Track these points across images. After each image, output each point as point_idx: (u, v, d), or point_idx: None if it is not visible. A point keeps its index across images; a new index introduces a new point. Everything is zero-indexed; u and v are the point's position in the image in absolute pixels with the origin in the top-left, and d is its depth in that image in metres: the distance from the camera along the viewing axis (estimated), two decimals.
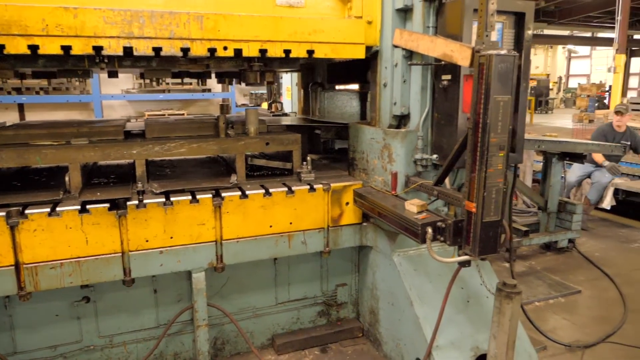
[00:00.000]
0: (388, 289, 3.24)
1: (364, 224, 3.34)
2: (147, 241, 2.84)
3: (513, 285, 2.65)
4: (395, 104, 3.10)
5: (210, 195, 2.94)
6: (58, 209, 2.64)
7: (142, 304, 3.15)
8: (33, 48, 2.40)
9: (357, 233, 3.36)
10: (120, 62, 2.81)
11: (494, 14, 2.35)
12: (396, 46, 3.03)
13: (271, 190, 3.07)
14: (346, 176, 3.45)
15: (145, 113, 13.53)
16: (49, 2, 2.42)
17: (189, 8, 2.71)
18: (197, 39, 2.68)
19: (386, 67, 3.13)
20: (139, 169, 3.00)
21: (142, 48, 2.58)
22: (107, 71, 3.34)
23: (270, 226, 3.11)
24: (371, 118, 3.39)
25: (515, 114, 2.93)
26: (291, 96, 5.33)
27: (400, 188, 3.04)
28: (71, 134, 3.04)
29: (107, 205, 2.74)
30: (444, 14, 2.85)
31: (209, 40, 2.70)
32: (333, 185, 3.22)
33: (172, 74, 3.62)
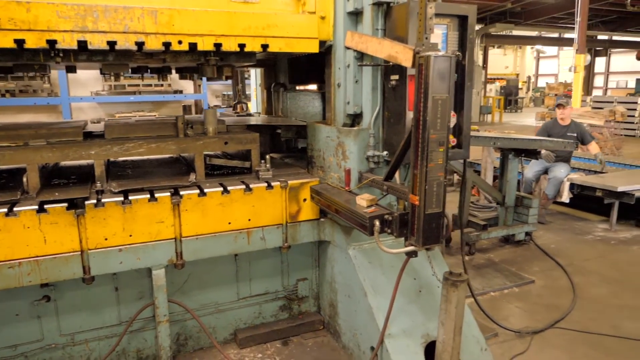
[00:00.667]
0: (345, 282, 3.36)
1: (322, 219, 3.45)
2: (106, 239, 2.90)
3: (459, 274, 2.80)
4: (348, 103, 3.22)
5: (169, 194, 3.01)
6: (15, 209, 2.68)
7: (104, 301, 3.19)
8: None
9: (315, 228, 3.47)
10: (76, 56, 2.85)
11: (433, 17, 2.48)
12: (348, 48, 3.15)
13: (229, 188, 3.16)
14: (304, 174, 3.56)
15: (116, 115, 13.41)
16: None
17: (143, 3, 2.77)
18: (152, 33, 2.75)
19: (339, 68, 3.25)
20: (98, 169, 3.06)
21: (97, 42, 2.65)
22: (64, 66, 3.38)
23: (229, 223, 3.19)
24: (327, 117, 3.51)
25: (461, 111, 3.11)
26: (256, 97, 5.42)
27: (354, 184, 3.17)
28: (29, 135, 3.07)
29: (65, 204, 2.79)
30: (392, 17, 2.98)
31: (164, 34, 2.78)
32: (290, 182, 3.32)
33: (132, 69, 3.68)
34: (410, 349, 2.92)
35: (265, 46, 3.02)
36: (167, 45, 2.79)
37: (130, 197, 2.94)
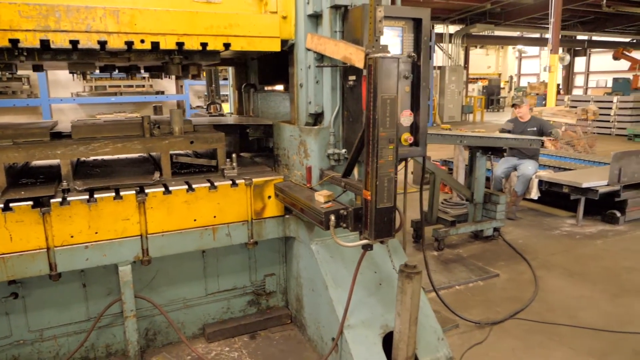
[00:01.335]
0: (309, 276, 3.47)
1: (287, 216, 3.55)
2: (72, 237, 2.97)
3: (413, 267, 2.92)
4: (310, 103, 3.33)
5: (134, 192, 3.09)
6: None
7: (72, 298, 3.26)
8: None
9: (281, 225, 3.57)
10: (40, 55, 2.91)
11: (382, 20, 2.60)
12: (309, 49, 3.26)
13: (194, 185, 3.25)
14: (269, 172, 3.66)
15: (97, 116, 13.41)
16: None
17: (105, 3, 2.84)
18: (114, 33, 2.83)
19: (301, 69, 3.35)
20: (64, 168, 3.13)
21: (59, 41, 2.72)
22: (31, 65, 3.44)
23: (195, 220, 3.28)
24: (291, 117, 3.61)
25: (418, 111, 3.23)
26: (229, 97, 5.50)
27: (315, 181, 3.28)
28: None
29: (31, 203, 2.86)
30: (348, 20, 3.09)
31: (126, 33, 2.85)
32: (255, 180, 3.42)
33: (100, 68, 3.74)
34: (368, 339, 3.04)
35: (227, 45, 3.10)
36: (129, 44, 2.87)
37: (96, 196, 3.01)
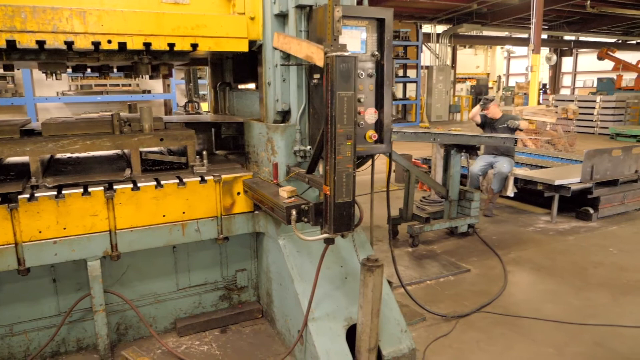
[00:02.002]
0: (277, 271, 3.54)
1: (256, 212, 3.62)
2: (40, 232, 3.02)
3: (375, 260, 3.01)
4: (277, 101, 3.40)
5: (102, 188, 3.15)
6: None
7: (42, 293, 3.31)
8: None
9: (250, 220, 3.64)
10: (8, 55, 2.97)
11: (340, 20, 2.67)
12: (275, 48, 3.33)
13: (163, 182, 3.31)
14: (239, 169, 3.72)
15: (82, 115, 13.39)
16: None
17: (73, 4, 2.90)
18: (81, 33, 2.88)
19: (269, 68, 3.42)
20: (33, 165, 3.17)
21: (26, 41, 2.76)
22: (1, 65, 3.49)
23: (164, 216, 3.34)
24: (260, 115, 3.68)
25: (382, 108, 3.31)
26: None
27: (282, 177, 3.35)
28: None
29: None
30: (313, 19, 3.16)
31: (93, 34, 2.91)
32: (224, 177, 3.48)
33: (73, 68, 3.79)
34: (332, 331, 3.11)
35: (195, 45, 3.16)
36: (96, 44, 2.92)
37: (64, 192, 3.06)
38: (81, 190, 3.10)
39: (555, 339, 3.58)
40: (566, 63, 33.25)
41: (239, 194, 3.54)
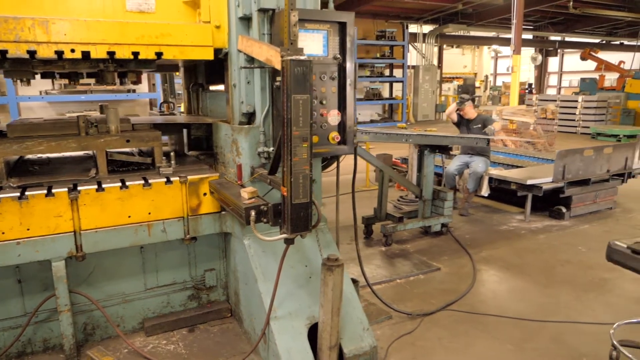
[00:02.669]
0: (243, 270, 3.58)
1: (223, 212, 3.66)
2: (3, 233, 3.04)
3: (335, 260, 3.06)
4: (242, 102, 3.44)
5: (66, 189, 3.17)
6: None
7: (7, 293, 3.32)
8: None
9: (217, 221, 3.68)
10: None
11: (297, 24, 2.73)
12: (240, 51, 3.37)
13: (128, 183, 3.34)
14: (207, 169, 3.75)
15: (66, 114, 13.33)
16: None
17: (35, 13, 2.93)
18: (44, 42, 2.91)
19: (235, 70, 3.46)
20: None
21: None
22: None
23: (129, 216, 3.37)
24: (227, 116, 3.72)
25: (344, 110, 3.37)
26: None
27: (246, 178, 3.39)
28: None
29: None
30: (275, 23, 3.21)
31: (55, 43, 2.93)
32: (190, 177, 3.52)
33: (42, 74, 3.80)
34: (294, 329, 3.17)
35: (159, 54, 3.20)
36: (59, 53, 2.95)
37: (28, 193, 3.08)
38: (45, 191, 3.12)
39: (515, 335, 3.66)
40: (552, 63, 33.57)
41: (205, 194, 3.58)
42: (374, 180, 8.57)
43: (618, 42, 26.89)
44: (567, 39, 26.42)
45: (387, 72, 20.35)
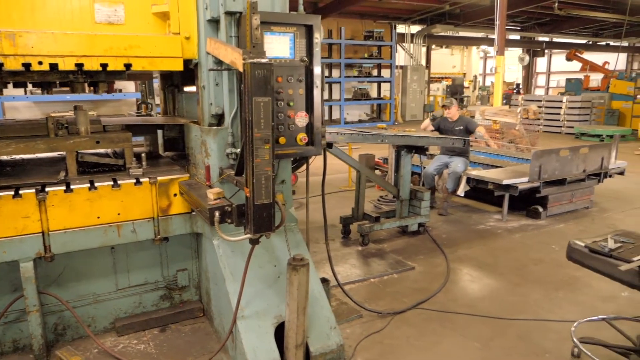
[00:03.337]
0: (213, 270, 3.61)
1: (194, 213, 3.69)
2: None
3: (300, 259, 3.10)
4: (211, 104, 3.47)
5: (34, 190, 3.19)
6: None
7: None
8: None
9: (188, 221, 3.71)
10: None
11: (259, 27, 2.76)
12: (209, 53, 3.40)
13: (97, 184, 3.36)
14: (178, 170, 3.78)
15: (51, 114, 13.22)
16: None
17: (3, 26, 2.95)
18: (11, 55, 2.93)
19: (204, 72, 3.49)
20: None
21: None
22: None
23: (98, 217, 3.39)
24: (198, 118, 3.75)
25: (312, 112, 3.40)
26: None
27: (215, 179, 3.42)
28: None
29: None
30: (242, 26, 3.24)
31: (23, 55, 2.96)
32: (160, 178, 3.54)
33: (13, 84, 3.82)
34: (261, 328, 3.20)
35: (128, 65, 3.25)
36: (27, 65, 2.98)
37: None
38: (12, 193, 3.14)
39: (483, 333, 3.72)
40: (541, 63, 33.86)
41: (175, 195, 3.61)
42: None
43: (604, 43, 27.14)
44: (555, 39, 26.63)
45: (375, 72, 20.44)
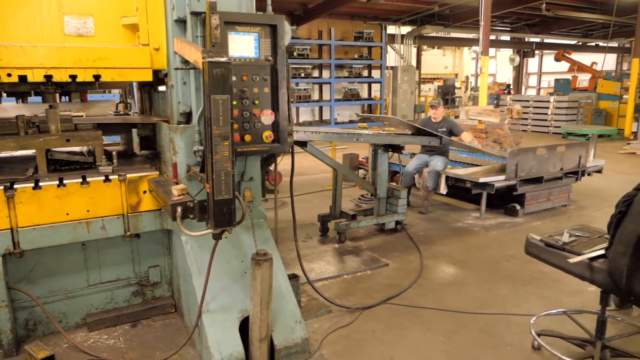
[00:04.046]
0: (182, 266, 3.67)
1: (164, 209, 3.75)
2: None
3: (263, 254, 3.18)
4: (179, 103, 3.54)
5: (2, 187, 3.24)
6: None
7: None
8: None
9: (158, 218, 3.77)
10: None
11: (218, 27, 2.83)
12: (176, 53, 3.47)
13: (65, 181, 3.42)
14: (147, 168, 3.84)
15: (39, 115, 13.20)
16: None
17: None
18: None
19: (172, 71, 3.56)
20: None
21: None
22: None
23: (67, 214, 3.45)
24: (168, 116, 3.81)
25: (277, 110, 3.47)
26: None
27: (182, 176, 3.49)
28: None
29: None
30: (207, 26, 3.31)
31: None
32: (129, 176, 3.61)
33: None
34: (226, 322, 3.27)
35: (97, 76, 3.37)
36: None
37: None
38: None
39: (447, 327, 3.80)
40: (532, 64, 34.08)
41: (145, 192, 3.67)
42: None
43: (594, 44, 27.34)
44: (545, 40, 26.82)
45: (365, 73, 20.52)
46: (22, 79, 3.13)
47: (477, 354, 3.44)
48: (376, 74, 20.58)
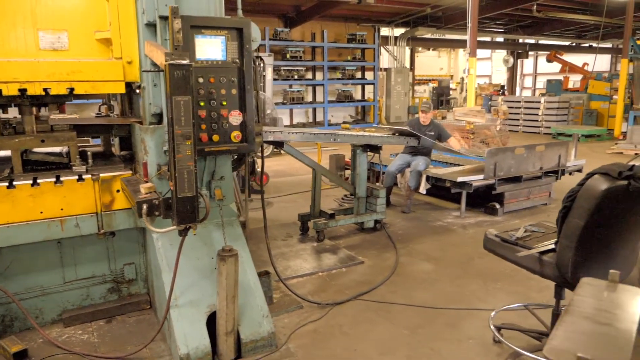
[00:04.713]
0: (155, 263, 3.77)
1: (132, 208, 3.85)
2: None
3: (229, 250, 3.28)
4: (150, 104, 3.64)
5: None
6: None
7: None
8: None
9: (132, 216, 3.87)
10: None
11: (180, 31, 2.94)
12: (146, 55, 3.57)
13: (39, 180, 3.52)
14: (121, 168, 3.94)
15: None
16: None
17: None
18: None
19: (143, 73, 3.67)
20: None
21: None
22: None
23: (41, 212, 3.55)
24: (141, 117, 3.92)
25: (245, 111, 3.58)
26: None
27: (152, 175, 3.59)
28: None
29: None
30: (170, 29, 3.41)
31: None
32: (102, 175, 3.71)
33: None
34: (194, 316, 3.37)
35: (71, 89, 3.50)
36: None
37: None
38: None
39: (412, 322, 3.90)
40: (528, 65, 34.22)
41: (118, 191, 3.78)
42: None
43: (587, 45, 27.47)
44: (540, 41, 26.95)
45: (358, 74, 20.64)
46: None
47: (438, 347, 3.54)
48: (370, 75, 20.71)
